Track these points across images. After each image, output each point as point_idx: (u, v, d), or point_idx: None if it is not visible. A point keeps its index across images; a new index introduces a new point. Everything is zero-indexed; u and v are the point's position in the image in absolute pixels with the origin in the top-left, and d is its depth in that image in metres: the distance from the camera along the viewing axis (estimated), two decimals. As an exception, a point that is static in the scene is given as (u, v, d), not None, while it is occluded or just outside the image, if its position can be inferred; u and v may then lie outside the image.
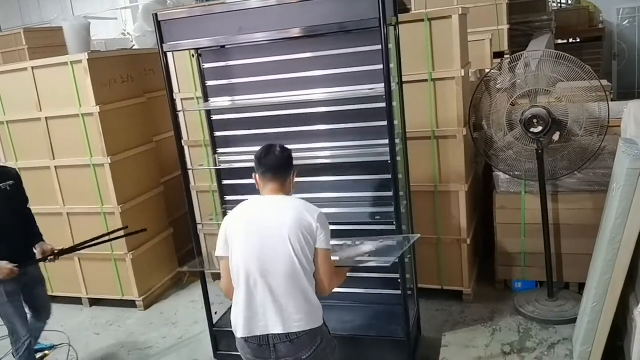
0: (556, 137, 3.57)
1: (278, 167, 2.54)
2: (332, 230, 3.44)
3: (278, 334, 2.41)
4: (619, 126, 3.63)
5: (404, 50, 3.36)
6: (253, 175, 2.61)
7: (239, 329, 2.46)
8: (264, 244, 2.40)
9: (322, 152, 3.53)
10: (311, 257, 2.43)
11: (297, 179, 3.59)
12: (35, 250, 3.43)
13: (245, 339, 2.47)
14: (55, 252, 3.41)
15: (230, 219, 2.54)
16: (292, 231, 2.38)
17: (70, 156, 4.43)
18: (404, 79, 3.41)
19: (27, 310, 3.45)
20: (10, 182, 3.33)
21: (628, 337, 2.88)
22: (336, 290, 2.71)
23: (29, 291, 3.43)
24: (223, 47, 3.49)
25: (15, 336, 3.34)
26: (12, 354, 3.37)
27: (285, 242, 2.38)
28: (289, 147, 3.53)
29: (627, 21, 9.48)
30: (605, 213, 3.22)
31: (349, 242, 3.06)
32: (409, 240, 3.03)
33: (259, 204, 2.53)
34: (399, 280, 3.28)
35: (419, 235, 3.07)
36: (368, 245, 2.97)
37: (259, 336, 2.43)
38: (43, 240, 3.47)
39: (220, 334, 3.72)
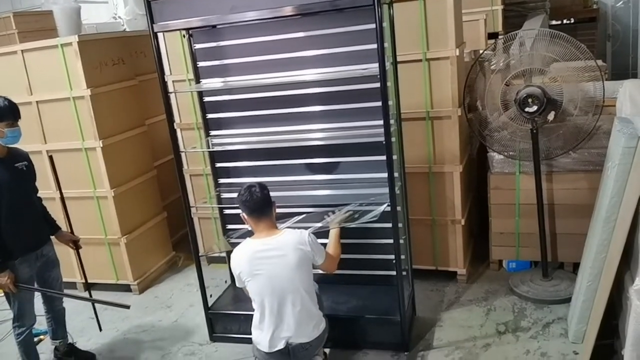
0: (551, 116, 3.55)
1: (262, 207, 2.88)
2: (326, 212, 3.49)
3: (296, 344, 2.89)
4: (614, 105, 3.62)
5: (398, 30, 3.32)
6: (241, 215, 2.94)
7: (264, 346, 2.90)
8: (275, 284, 2.84)
9: (315, 133, 3.51)
10: (311, 272, 2.94)
11: (291, 161, 3.61)
12: (58, 239, 3.61)
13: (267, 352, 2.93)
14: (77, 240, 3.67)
15: (237, 263, 2.92)
16: (298, 269, 2.84)
17: (62, 140, 4.38)
18: (398, 59, 3.38)
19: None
20: (25, 163, 3.32)
21: (623, 315, 2.88)
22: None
23: (44, 274, 3.44)
24: (214, 27, 3.44)
25: (20, 321, 3.32)
26: (15, 337, 3.36)
27: (293, 282, 2.84)
28: (283, 129, 3.54)
29: (621, 2, 9.41)
30: (600, 192, 3.22)
31: (332, 212, 3.37)
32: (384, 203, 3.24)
33: (262, 251, 2.85)
34: (394, 261, 3.28)
35: (387, 203, 3.16)
36: (348, 210, 3.33)
37: (280, 348, 2.90)
38: (60, 228, 3.64)
39: (216, 316, 3.73)
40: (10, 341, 3.76)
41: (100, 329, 3.90)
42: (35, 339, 3.70)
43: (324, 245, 3.11)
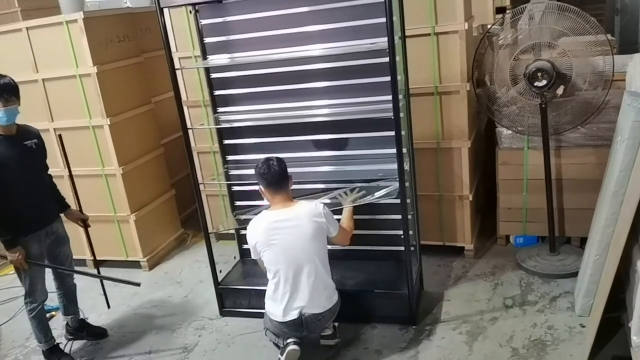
0: (560, 90, 3.53)
1: (280, 180, 2.99)
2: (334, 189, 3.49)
3: (309, 315, 2.99)
4: (623, 80, 3.58)
5: (406, 3, 3.28)
6: (259, 188, 3.06)
7: (277, 316, 3.01)
8: (290, 254, 2.94)
9: (323, 109, 3.50)
10: (326, 243, 3.05)
11: (299, 138, 3.61)
12: (67, 217, 3.63)
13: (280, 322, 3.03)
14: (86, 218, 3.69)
15: (253, 234, 3.03)
16: (313, 240, 2.94)
17: (69, 118, 4.38)
18: (406, 33, 3.34)
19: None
20: (35, 141, 3.32)
21: (630, 289, 2.90)
22: (341, 247, 3.31)
23: (54, 250, 3.47)
24: (220, 1, 3.41)
25: (32, 297, 3.36)
26: (27, 313, 3.41)
27: (308, 251, 2.94)
28: (291, 105, 3.50)
29: (631, -25, 9.26)
30: (609, 166, 3.21)
31: (345, 191, 3.45)
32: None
33: (278, 222, 2.96)
34: (402, 237, 3.30)
35: (397, 184, 3.18)
36: (362, 191, 3.39)
37: (294, 318, 3.00)
38: (70, 207, 3.64)
39: (226, 291, 3.77)
40: (22, 317, 3.82)
41: (109, 306, 3.95)
42: (47, 315, 3.75)
43: (338, 220, 3.17)
